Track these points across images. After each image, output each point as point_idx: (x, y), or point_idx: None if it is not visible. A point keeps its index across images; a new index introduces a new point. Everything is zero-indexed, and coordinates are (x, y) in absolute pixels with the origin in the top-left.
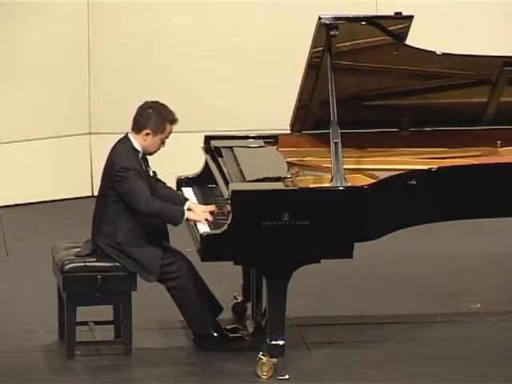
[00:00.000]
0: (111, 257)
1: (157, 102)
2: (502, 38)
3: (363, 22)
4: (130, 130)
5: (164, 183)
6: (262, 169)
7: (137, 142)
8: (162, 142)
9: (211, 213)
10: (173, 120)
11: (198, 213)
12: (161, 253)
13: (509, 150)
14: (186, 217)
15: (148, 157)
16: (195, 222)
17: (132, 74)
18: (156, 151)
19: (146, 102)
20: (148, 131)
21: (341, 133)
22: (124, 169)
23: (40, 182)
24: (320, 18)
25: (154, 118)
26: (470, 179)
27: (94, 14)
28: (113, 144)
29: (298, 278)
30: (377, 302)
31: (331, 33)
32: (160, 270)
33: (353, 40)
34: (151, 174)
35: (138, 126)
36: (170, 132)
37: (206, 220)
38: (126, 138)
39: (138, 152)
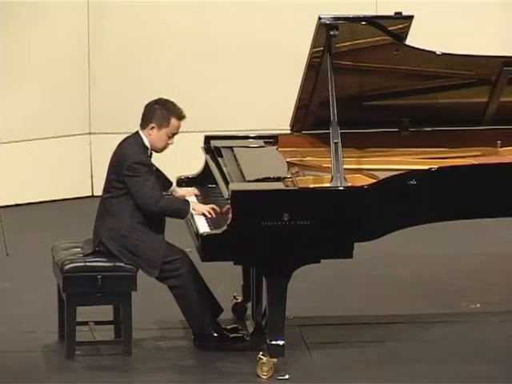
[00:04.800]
0: (112, 255)
1: (165, 99)
2: (502, 38)
3: (363, 22)
4: (139, 128)
5: None
6: (262, 169)
7: (145, 138)
8: (169, 138)
9: (213, 211)
10: (179, 115)
11: (202, 206)
12: (164, 247)
13: (509, 150)
14: (191, 207)
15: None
16: (199, 213)
17: (132, 74)
18: (164, 148)
19: (156, 99)
20: (153, 125)
21: (341, 133)
22: (137, 164)
23: (40, 182)
24: (320, 18)
25: (159, 111)
26: (470, 179)
27: (94, 14)
28: (113, 144)
29: (298, 278)
30: (377, 302)
31: (331, 33)
32: (161, 267)
33: (353, 40)
34: None
35: (144, 121)
36: (178, 128)
37: (206, 219)
38: (136, 134)
39: (147, 149)
